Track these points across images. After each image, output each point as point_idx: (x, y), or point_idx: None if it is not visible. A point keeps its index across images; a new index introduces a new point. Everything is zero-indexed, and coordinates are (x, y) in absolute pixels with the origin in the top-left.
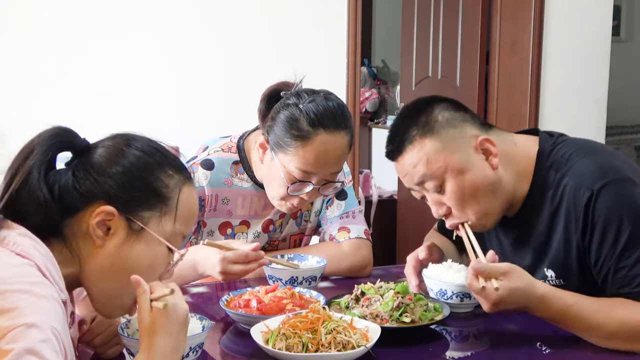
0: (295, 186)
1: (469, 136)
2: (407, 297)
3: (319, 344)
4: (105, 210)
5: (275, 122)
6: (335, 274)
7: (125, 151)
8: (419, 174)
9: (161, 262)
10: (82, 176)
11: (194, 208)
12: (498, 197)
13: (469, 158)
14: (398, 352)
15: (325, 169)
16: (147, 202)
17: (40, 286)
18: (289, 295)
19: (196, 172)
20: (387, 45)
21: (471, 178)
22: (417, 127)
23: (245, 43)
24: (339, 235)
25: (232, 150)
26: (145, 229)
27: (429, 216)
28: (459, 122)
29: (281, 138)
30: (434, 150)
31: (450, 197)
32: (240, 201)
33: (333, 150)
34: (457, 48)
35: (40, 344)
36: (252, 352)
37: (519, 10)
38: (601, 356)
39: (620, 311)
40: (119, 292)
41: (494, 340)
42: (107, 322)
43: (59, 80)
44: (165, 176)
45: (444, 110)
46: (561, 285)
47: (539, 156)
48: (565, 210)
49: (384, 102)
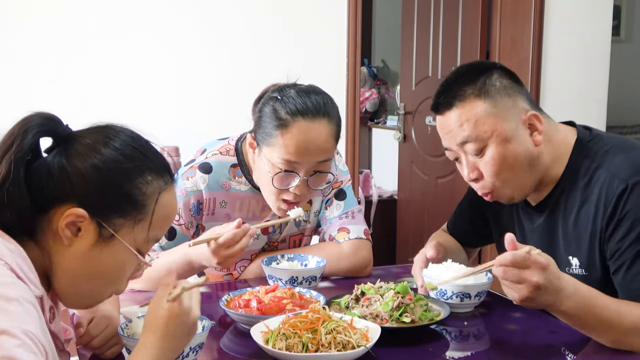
0: (281, 177)
1: (520, 108)
2: (407, 297)
3: (319, 344)
4: (76, 212)
5: (259, 117)
6: (335, 275)
7: (103, 152)
8: (464, 134)
9: (129, 267)
10: (57, 175)
11: (171, 213)
12: (533, 173)
13: (516, 129)
14: (398, 352)
15: (308, 158)
16: (120, 210)
17: (10, 287)
18: (289, 295)
19: (194, 175)
20: (387, 45)
21: (514, 148)
22: (473, 87)
23: (245, 43)
24: (338, 235)
25: (230, 153)
26: (115, 237)
27: (429, 216)
28: (514, 93)
29: (264, 131)
30: (485, 114)
31: (488, 163)
32: (238, 204)
33: (314, 138)
34: (457, 48)
35: (16, 349)
36: (252, 352)
37: (519, 10)
38: (601, 356)
39: (635, 309)
40: (91, 291)
41: (494, 340)
42: (104, 323)
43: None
44: (143, 183)
45: (502, 77)
46: (583, 275)
47: (577, 144)
48: (596, 200)
49: (384, 102)
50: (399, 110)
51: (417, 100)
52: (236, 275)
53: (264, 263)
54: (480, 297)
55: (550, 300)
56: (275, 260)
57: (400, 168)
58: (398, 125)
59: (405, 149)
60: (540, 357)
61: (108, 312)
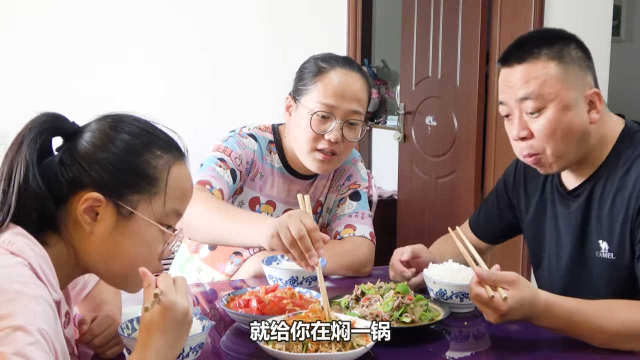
0: (318, 121)
1: (586, 83)
2: (407, 297)
3: (319, 343)
4: (92, 197)
5: (299, 75)
6: (336, 271)
7: (110, 135)
8: (528, 90)
9: (156, 243)
10: (69, 164)
11: (185, 185)
12: (580, 148)
13: (577, 100)
14: (398, 352)
15: (344, 102)
16: (134, 186)
17: (31, 287)
18: (289, 295)
19: (247, 138)
20: (387, 45)
21: (570, 117)
22: (549, 49)
23: (245, 43)
24: (344, 231)
25: (268, 130)
26: (134, 213)
27: (429, 216)
28: (586, 67)
29: (302, 83)
30: (555, 76)
31: (543, 125)
32: (270, 180)
33: (350, 84)
34: (457, 48)
35: (29, 347)
36: (252, 352)
37: (519, 10)
38: (602, 356)
39: (625, 312)
40: (126, 272)
41: (494, 340)
42: (107, 322)
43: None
44: (152, 157)
45: (578, 49)
46: (611, 259)
47: (623, 133)
48: (632, 186)
49: (384, 102)
50: (399, 110)
51: (417, 100)
52: (246, 257)
53: (264, 263)
54: None
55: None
56: (275, 260)
57: (400, 168)
58: (398, 125)
59: (405, 149)
60: (540, 357)
61: (111, 312)
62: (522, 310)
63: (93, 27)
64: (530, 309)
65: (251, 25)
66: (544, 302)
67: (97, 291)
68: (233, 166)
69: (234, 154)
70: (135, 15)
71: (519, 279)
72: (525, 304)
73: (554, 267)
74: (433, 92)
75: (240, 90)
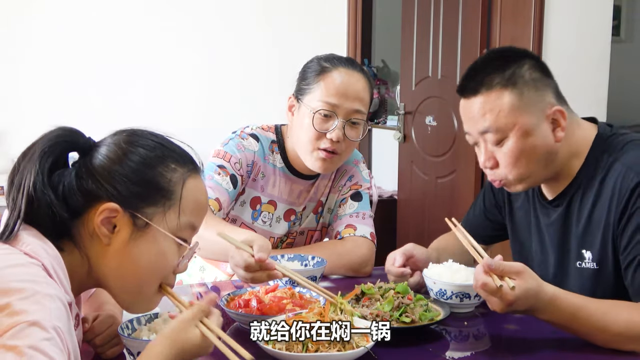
0: (321, 119)
1: (546, 103)
2: (407, 297)
3: (319, 343)
4: (108, 207)
5: (302, 74)
6: (336, 271)
7: (125, 148)
8: (486, 124)
9: (171, 256)
10: (85, 177)
11: (201, 198)
12: (548, 167)
13: (538, 123)
14: (398, 352)
15: (347, 102)
16: (150, 198)
17: (44, 285)
18: (289, 295)
19: (248, 139)
20: (387, 45)
21: (533, 142)
22: (501, 76)
23: (245, 43)
24: (344, 231)
25: (271, 130)
26: (150, 225)
27: (429, 216)
28: (542, 87)
29: (305, 82)
30: (509, 106)
31: (506, 154)
32: (272, 180)
33: (353, 83)
34: (457, 48)
35: (43, 342)
36: (252, 352)
37: (519, 10)
38: (602, 356)
39: (626, 312)
40: (137, 288)
41: (494, 340)
42: (109, 322)
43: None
44: (167, 170)
45: (532, 68)
46: (594, 269)
47: (596, 140)
48: (611, 192)
49: (384, 102)
50: (399, 110)
51: (417, 100)
52: None
53: None
54: (480, 298)
55: (526, 314)
56: (275, 260)
57: (400, 168)
58: (398, 125)
59: (405, 149)
60: (540, 357)
61: (113, 312)
62: (528, 301)
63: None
64: (536, 300)
65: (251, 25)
66: (549, 295)
67: (100, 291)
68: (233, 171)
69: (233, 158)
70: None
71: (526, 269)
72: (531, 294)
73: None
74: (433, 92)
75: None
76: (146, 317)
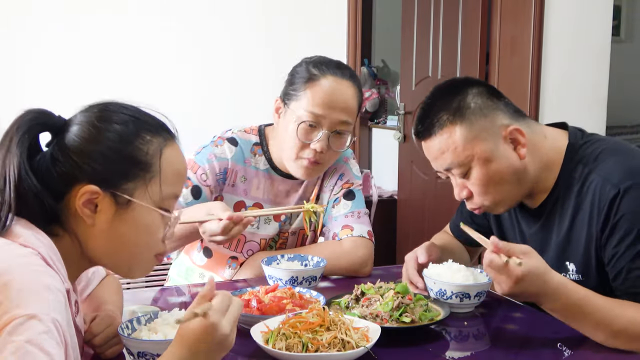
0: (305, 129)
1: (499, 125)
2: (407, 297)
3: (319, 343)
4: (88, 190)
5: (290, 77)
6: (335, 272)
7: (99, 127)
8: (447, 162)
9: (157, 227)
10: (61, 159)
11: (179, 167)
12: (521, 186)
13: (496, 147)
14: (398, 352)
15: (333, 113)
16: (129, 174)
17: (44, 276)
18: (289, 295)
19: (222, 145)
20: (387, 45)
21: (497, 167)
22: (448, 112)
23: (245, 43)
24: (341, 232)
25: (253, 132)
26: (132, 201)
27: (429, 216)
28: (491, 111)
29: (292, 87)
30: (463, 139)
31: (474, 184)
32: (255, 182)
33: (340, 93)
34: (457, 48)
35: (41, 335)
36: (252, 352)
37: (519, 11)
38: (602, 356)
39: (631, 311)
40: (133, 260)
41: (494, 340)
42: (107, 322)
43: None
44: (143, 143)
45: (477, 96)
46: (580, 280)
47: (569, 150)
48: (590, 205)
49: (384, 102)
50: (399, 110)
51: (417, 100)
52: (242, 260)
53: (264, 263)
54: (480, 298)
55: (533, 299)
56: (275, 260)
57: (400, 168)
58: (398, 125)
59: (405, 149)
60: (540, 357)
61: (112, 312)
62: (536, 282)
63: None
64: (543, 283)
65: (250, 25)
66: (556, 281)
67: (99, 291)
68: (197, 183)
69: (200, 170)
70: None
71: (532, 251)
72: (539, 273)
73: None
74: None
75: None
76: (146, 317)
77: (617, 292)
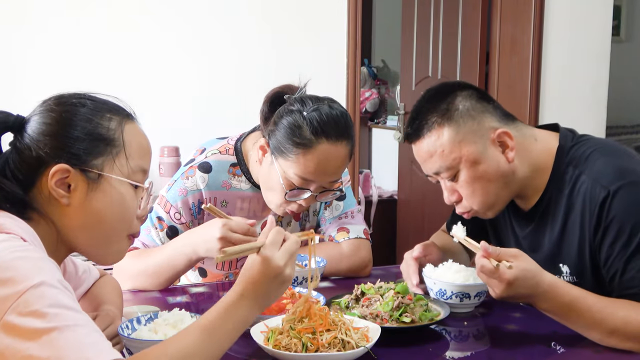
0: (294, 192)
1: (487, 128)
2: (407, 297)
3: (319, 343)
4: (59, 169)
5: (277, 127)
6: (335, 275)
7: (58, 110)
8: (435, 166)
9: (130, 201)
10: (27, 149)
11: (143, 141)
12: (509, 188)
13: (484, 150)
14: (398, 352)
15: (324, 178)
16: (95, 150)
17: (32, 251)
18: (289, 295)
19: (194, 175)
20: (387, 45)
21: (484, 170)
22: (436, 114)
23: (245, 43)
24: (338, 235)
25: (229, 152)
26: (103, 175)
27: (429, 216)
28: (479, 114)
29: (282, 144)
30: (451, 141)
31: (462, 187)
32: (239, 203)
33: (334, 160)
34: (457, 48)
35: (60, 295)
36: (252, 352)
37: (519, 11)
38: (601, 356)
39: (624, 310)
40: (106, 240)
41: (494, 340)
42: (107, 322)
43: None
44: (104, 120)
45: (465, 99)
46: (574, 282)
47: (559, 152)
48: (581, 207)
49: (384, 102)
50: (399, 110)
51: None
52: (238, 271)
53: None
54: (480, 297)
55: (526, 301)
56: None
57: (400, 168)
58: (398, 125)
59: (405, 149)
60: (540, 357)
61: (111, 312)
62: (527, 284)
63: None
64: (535, 284)
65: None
66: (548, 281)
67: (98, 291)
68: (172, 223)
69: (173, 209)
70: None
71: (522, 254)
72: (530, 276)
73: None
74: None
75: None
76: (146, 317)
77: (614, 294)
